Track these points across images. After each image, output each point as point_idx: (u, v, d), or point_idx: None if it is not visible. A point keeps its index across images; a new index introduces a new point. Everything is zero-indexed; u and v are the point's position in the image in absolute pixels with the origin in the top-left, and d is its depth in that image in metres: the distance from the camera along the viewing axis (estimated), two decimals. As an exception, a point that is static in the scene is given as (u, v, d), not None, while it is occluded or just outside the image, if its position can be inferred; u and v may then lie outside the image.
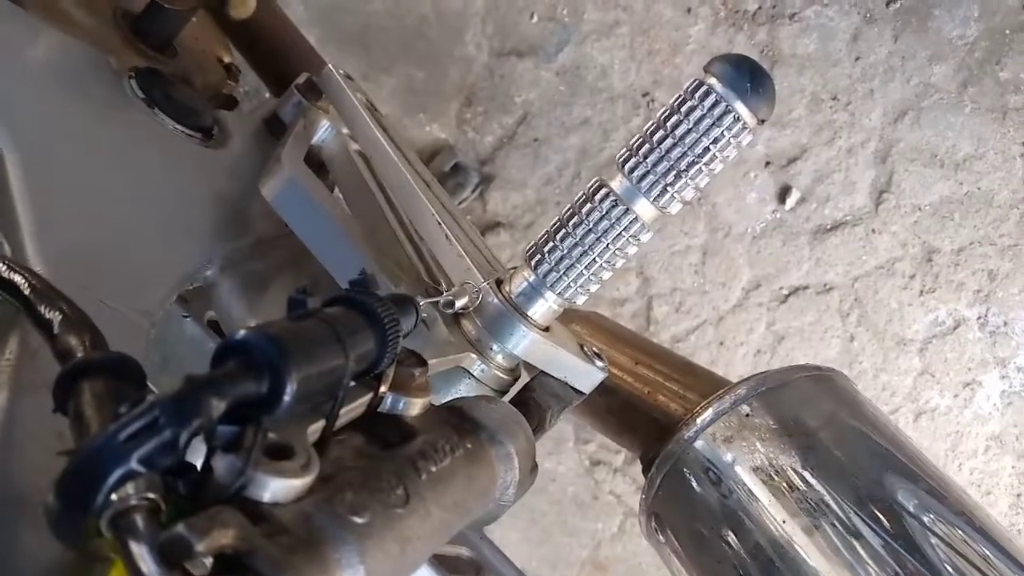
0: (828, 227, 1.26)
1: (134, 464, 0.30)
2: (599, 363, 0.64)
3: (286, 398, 0.35)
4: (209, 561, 0.31)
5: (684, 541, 0.68)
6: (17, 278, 0.42)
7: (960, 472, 1.24)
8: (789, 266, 1.28)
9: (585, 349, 0.64)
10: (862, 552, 0.60)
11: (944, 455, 1.23)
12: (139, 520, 0.32)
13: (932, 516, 0.62)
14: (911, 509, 0.62)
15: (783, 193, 1.26)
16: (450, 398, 0.60)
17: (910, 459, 0.65)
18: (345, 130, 0.78)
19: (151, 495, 0.33)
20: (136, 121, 0.64)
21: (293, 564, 0.31)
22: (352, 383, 0.43)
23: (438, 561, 0.65)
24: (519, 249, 1.29)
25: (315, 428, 0.39)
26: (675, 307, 1.32)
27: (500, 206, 1.34)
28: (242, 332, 0.35)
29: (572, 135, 1.27)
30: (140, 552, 0.31)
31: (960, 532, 0.61)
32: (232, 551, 0.31)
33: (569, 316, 0.86)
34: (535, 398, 0.60)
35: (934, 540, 0.61)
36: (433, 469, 0.41)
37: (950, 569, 0.59)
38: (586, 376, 0.64)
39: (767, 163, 1.26)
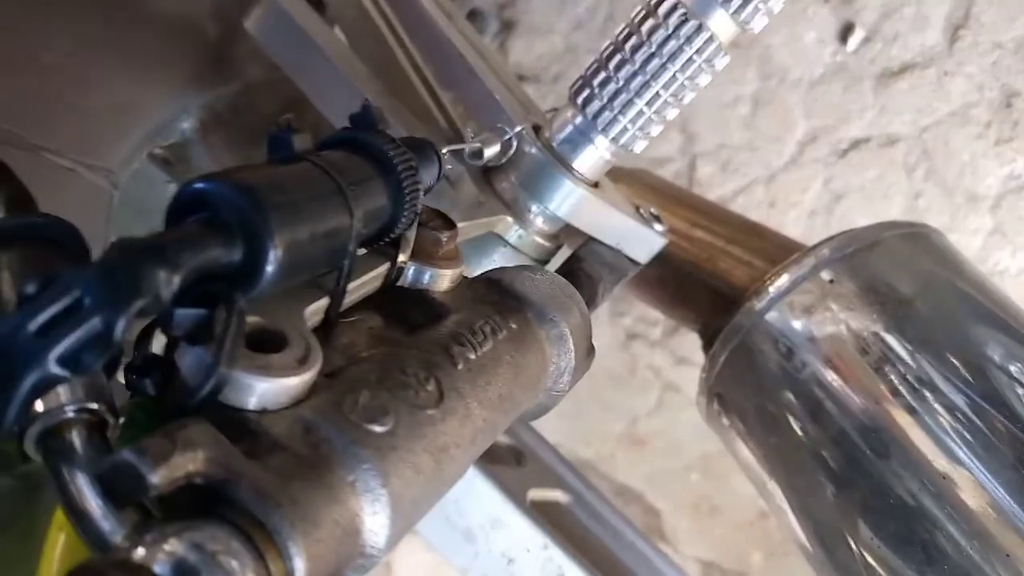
0: (895, 70, 1.13)
1: (52, 367, 0.21)
2: (658, 227, 0.54)
3: (268, 268, 0.25)
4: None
5: (753, 425, 0.60)
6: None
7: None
8: (850, 116, 1.15)
9: (642, 211, 0.54)
10: (970, 436, 0.52)
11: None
12: (76, 441, 0.23)
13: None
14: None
15: (845, 32, 1.12)
16: (481, 269, 0.51)
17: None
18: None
19: (92, 405, 0.24)
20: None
21: (289, 494, 0.23)
22: (362, 251, 0.34)
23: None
24: (546, 106, 1.17)
25: (316, 308, 0.30)
26: (722, 166, 1.21)
27: (524, 56, 1.21)
28: (204, 180, 0.25)
29: (604, -28, 1.13)
30: (78, 485, 0.23)
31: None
32: (203, 480, 0.22)
33: (614, 176, 0.75)
34: (584, 269, 0.50)
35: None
36: (472, 356, 0.32)
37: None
38: (643, 243, 0.54)
39: (827, -2, 1.11)
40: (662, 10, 0.45)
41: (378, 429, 0.26)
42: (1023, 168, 1.11)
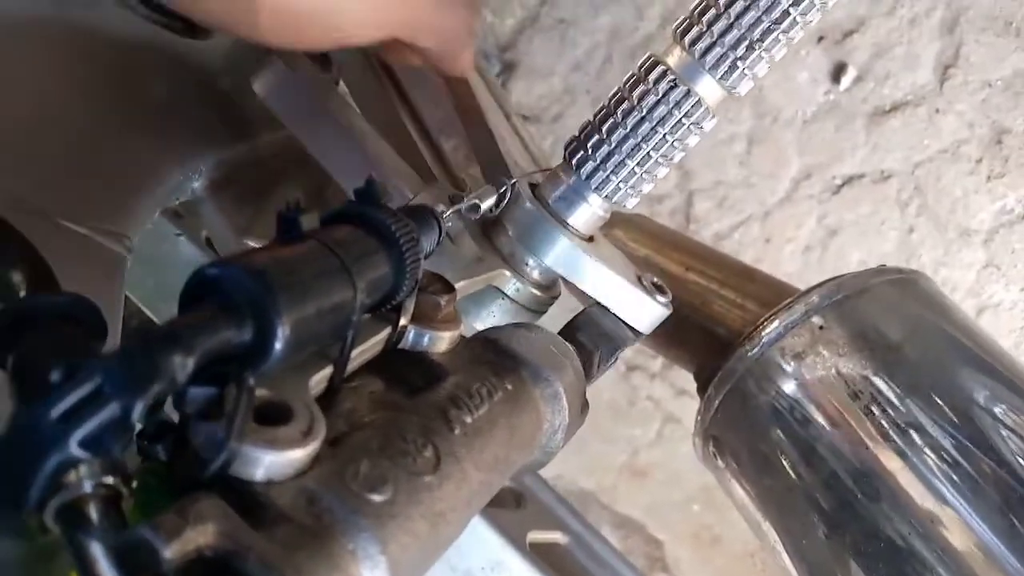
0: (887, 108, 1.15)
1: (74, 450, 0.23)
2: (661, 298, 0.55)
3: (277, 347, 0.27)
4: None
5: (747, 467, 0.61)
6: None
7: (1024, 369, 1.15)
8: (843, 153, 1.17)
9: (643, 281, 0.55)
10: (957, 479, 0.53)
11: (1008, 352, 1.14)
12: (93, 514, 0.25)
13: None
14: (1014, 427, 0.55)
15: (837, 71, 1.14)
16: (480, 321, 0.53)
17: (1014, 373, 0.57)
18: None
19: (108, 480, 0.26)
20: (105, 16, 0.54)
21: (294, 564, 0.24)
22: (366, 315, 0.35)
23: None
24: (546, 145, 1.19)
25: (320, 377, 0.31)
26: (718, 202, 1.23)
27: (524, 97, 1.23)
28: (215, 266, 0.27)
29: (602, 14, 1.15)
30: (95, 558, 0.24)
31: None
32: (213, 552, 0.24)
33: (610, 221, 0.77)
34: (580, 339, 0.51)
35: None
36: (468, 420, 0.33)
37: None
38: (643, 310, 0.54)
39: (820, 38, 1.13)
40: (652, 76, 0.47)
41: (377, 498, 0.27)
42: (1015, 203, 1.13)
